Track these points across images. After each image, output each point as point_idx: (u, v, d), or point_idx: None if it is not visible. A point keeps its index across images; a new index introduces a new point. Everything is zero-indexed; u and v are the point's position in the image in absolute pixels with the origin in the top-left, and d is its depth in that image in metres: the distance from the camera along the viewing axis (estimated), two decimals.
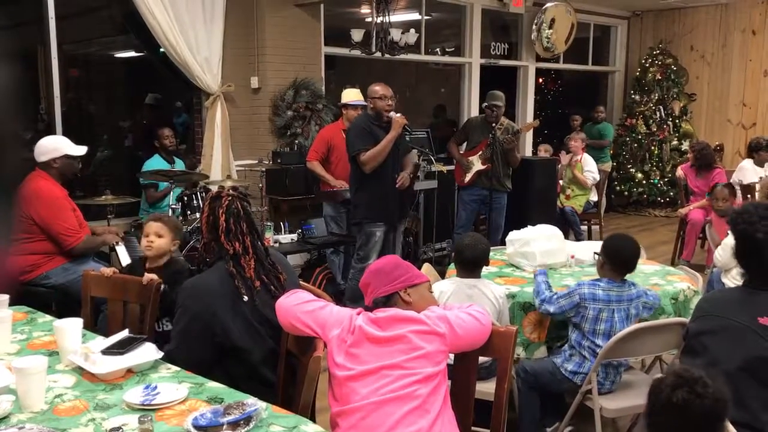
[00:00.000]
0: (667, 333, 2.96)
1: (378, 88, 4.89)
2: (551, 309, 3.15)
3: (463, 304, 2.43)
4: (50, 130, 5.51)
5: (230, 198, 2.56)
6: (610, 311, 3.06)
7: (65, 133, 5.45)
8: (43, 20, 5.44)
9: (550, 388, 3.23)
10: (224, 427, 1.85)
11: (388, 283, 2.33)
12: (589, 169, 7.60)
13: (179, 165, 5.88)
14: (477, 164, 6.22)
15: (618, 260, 3.14)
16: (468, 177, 6.27)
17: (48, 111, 5.63)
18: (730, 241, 4.10)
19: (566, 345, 3.23)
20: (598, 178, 7.68)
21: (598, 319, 3.06)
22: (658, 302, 3.29)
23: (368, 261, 4.88)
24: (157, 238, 3.12)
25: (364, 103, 5.28)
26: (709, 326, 2.41)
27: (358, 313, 2.25)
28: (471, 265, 3.36)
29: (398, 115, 4.83)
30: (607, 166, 9.01)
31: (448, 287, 3.34)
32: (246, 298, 2.44)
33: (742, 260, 2.47)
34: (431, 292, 2.49)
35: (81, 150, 4.20)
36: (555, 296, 3.18)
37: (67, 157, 4.10)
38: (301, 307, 2.31)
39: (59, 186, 4.08)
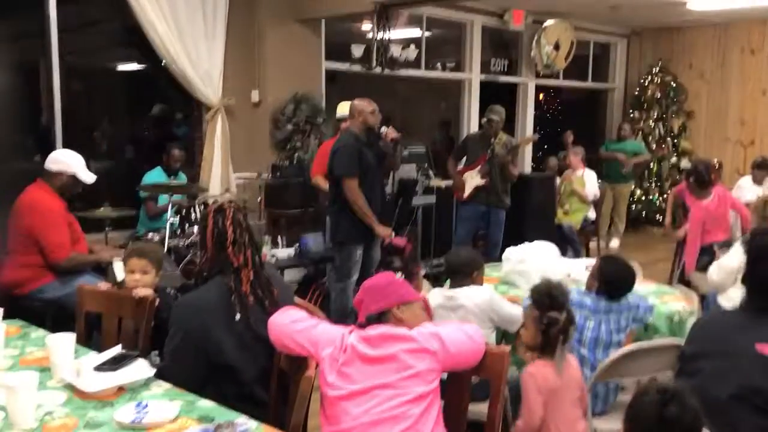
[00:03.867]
0: (662, 354, 2.95)
1: (366, 104, 4.80)
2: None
3: (456, 322, 2.43)
4: (50, 142, 5.53)
5: (233, 209, 2.58)
6: (597, 321, 3.06)
7: (65, 144, 5.47)
8: (45, 33, 5.46)
9: None
10: None
11: (381, 300, 2.33)
12: (591, 182, 7.66)
13: (181, 178, 5.88)
14: (476, 179, 6.21)
15: (612, 287, 3.14)
16: (467, 193, 6.27)
17: (48, 122, 5.65)
18: (726, 262, 4.10)
19: None
20: (598, 195, 7.73)
21: (584, 328, 3.06)
22: (649, 316, 3.27)
23: (351, 278, 4.84)
24: (143, 275, 3.08)
25: None
26: (703, 349, 2.38)
27: (350, 332, 2.25)
28: (448, 274, 3.42)
29: (390, 129, 4.81)
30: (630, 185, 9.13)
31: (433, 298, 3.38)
32: (239, 316, 2.43)
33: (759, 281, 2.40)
34: (425, 311, 2.49)
35: (90, 177, 4.20)
36: None
37: (74, 177, 4.11)
38: (292, 326, 2.31)
39: (57, 198, 4.07)
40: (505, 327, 3.33)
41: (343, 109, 5.71)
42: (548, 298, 2.62)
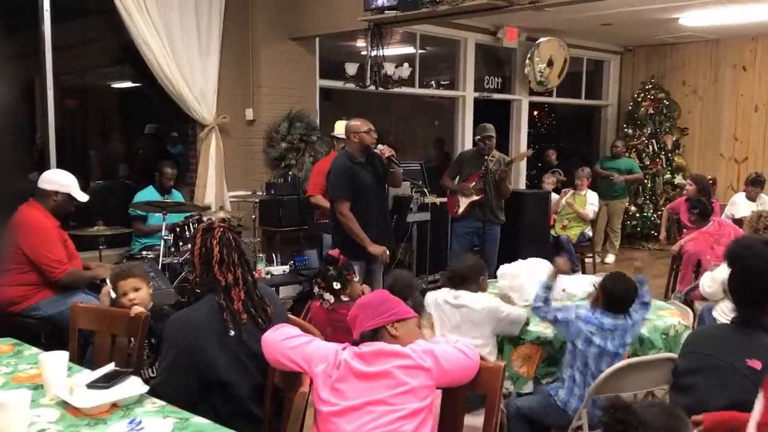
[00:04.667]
0: (657, 369, 2.95)
1: (360, 123, 4.80)
2: (540, 302, 3.20)
3: (450, 339, 2.43)
4: (44, 160, 5.54)
5: (222, 229, 2.56)
6: (603, 338, 3.08)
7: (59, 163, 5.47)
8: (40, 51, 5.48)
9: (544, 421, 3.23)
10: None
11: (375, 317, 2.33)
12: (592, 202, 7.73)
13: (176, 196, 5.86)
14: (471, 195, 6.24)
15: (614, 303, 3.16)
16: (461, 208, 6.28)
17: (43, 140, 5.65)
18: (719, 273, 4.12)
19: (563, 375, 3.22)
20: (597, 211, 7.81)
21: (590, 342, 3.08)
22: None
23: None
24: (137, 293, 3.08)
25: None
26: (695, 364, 2.37)
27: (344, 348, 2.25)
28: (455, 281, 3.44)
29: (385, 147, 4.85)
30: (624, 201, 9.15)
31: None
32: (233, 332, 2.42)
33: (744, 295, 2.39)
34: (419, 328, 2.49)
35: (84, 197, 4.21)
36: (552, 307, 3.23)
37: (69, 196, 4.12)
38: (286, 342, 2.30)
39: (50, 217, 4.08)
40: (509, 331, 3.36)
41: (341, 128, 5.72)
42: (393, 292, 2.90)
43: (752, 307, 2.34)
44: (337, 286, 3.69)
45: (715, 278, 4.15)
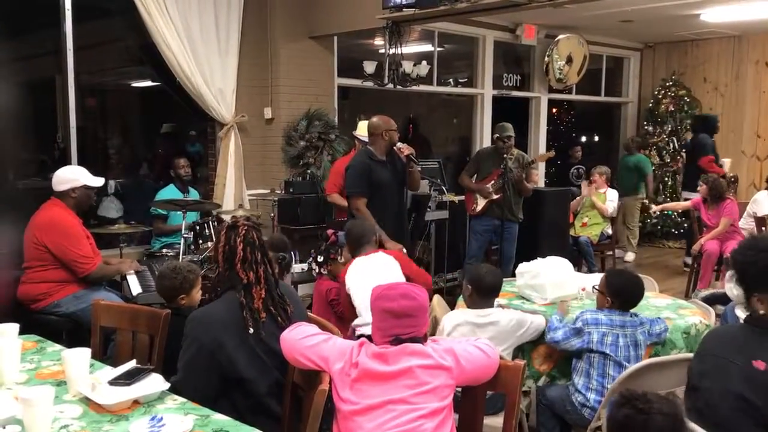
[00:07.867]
0: (677, 368, 2.92)
1: (384, 122, 4.82)
2: (558, 335, 3.16)
3: (471, 338, 2.42)
4: (66, 158, 5.59)
5: (246, 227, 2.59)
6: (615, 336, 3.09)
7: (80, 161, 5.52)
8: (61, 51, 5.54)
9: (563, 416, 3.23)
10: None
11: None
12: (611, 199, 7.68)
13: (194, 195, 5.91)
14: (489, 195, 6.21)
15: (623, 298, 3.16)
16: (479, 207, 6.26)
17: (64, 139, 5.71)
18: None
19: (576, 376, 3.20)
20: (617, 208, 7.76)
21: (602, 344, 3.07)
22: (665, 334, 3.28)
23: None
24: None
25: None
26: (705, 365, 2.35)
27: (361, 345, 2.24)
28: (480, 293, 3.35)
29: (404, 145, 4.85)
30: (641, 197, 9.06)
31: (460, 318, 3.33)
32: (252, 330, 2.43)
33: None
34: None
35: (99, 181, 4.26)
36: (562, 324, 3.20)
37: (85, 187, 4.17)
38: (303, 341, 2.31)
39: (73, 214, 4.12)
40: (529, 339, 3.35)
41: (363, 129, 5.72)
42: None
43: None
44: (320, 259, 4.27)
45: None
